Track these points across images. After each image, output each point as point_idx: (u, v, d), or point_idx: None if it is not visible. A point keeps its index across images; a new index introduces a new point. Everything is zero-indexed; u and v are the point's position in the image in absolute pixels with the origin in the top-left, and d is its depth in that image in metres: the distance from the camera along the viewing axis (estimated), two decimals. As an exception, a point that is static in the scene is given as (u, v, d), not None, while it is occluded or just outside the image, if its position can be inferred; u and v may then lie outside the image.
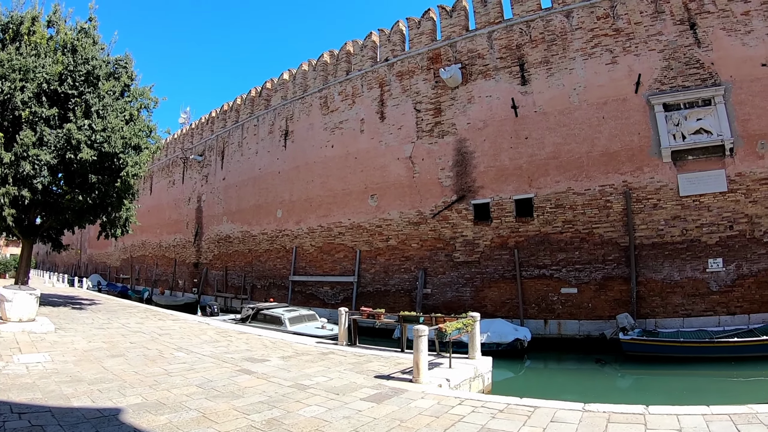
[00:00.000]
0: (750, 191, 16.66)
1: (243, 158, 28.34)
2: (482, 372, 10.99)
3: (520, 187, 19.02)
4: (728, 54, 17.43)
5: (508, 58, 19.85)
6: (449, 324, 10.93)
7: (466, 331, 11.27)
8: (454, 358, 11.14)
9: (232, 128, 29.93)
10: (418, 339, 8.95)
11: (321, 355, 11.68)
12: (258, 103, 28.47)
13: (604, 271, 17.65)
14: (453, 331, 10.70)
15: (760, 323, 15.69)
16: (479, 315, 11.95)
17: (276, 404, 6.90)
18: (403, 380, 8.94)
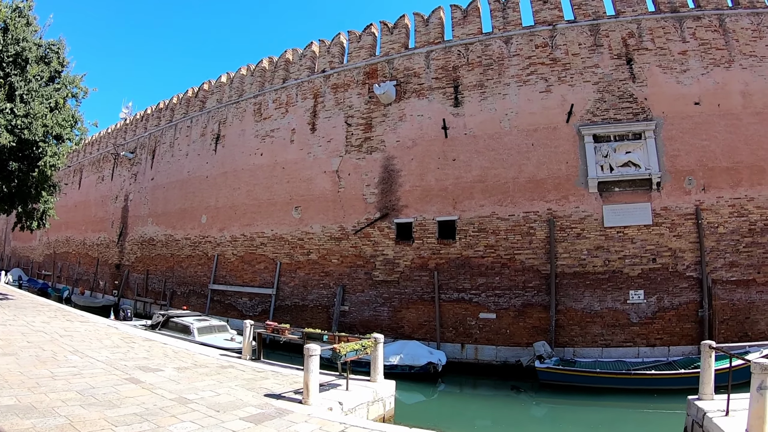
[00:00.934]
0: (675, 225, 16.77)
1: (173, 159, 26.59)
2: (383, 396, 10.37)
3: (444, 208, 18.24)
4: (662, 90, 17.45)
5: (444, 79, 19.21)
6: (344, 345, 10.27)
7: (365, 352, 10.60)
8: (355, 380, 10.63)
9: (166, 127, 28.17)
10: (309, 359, 8.53)
11: (219, 368, 11.06)
12: (193, 104, 26.89)
13: (523, 298, 17.06)
14: (349, 352, 10.05)
15: (679, 356, 15.60)
16: (383, 337, 11.30)
17: (150, 417, 6.54)
18: (293, 401, 8.48)
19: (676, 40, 18.30)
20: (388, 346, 17.11)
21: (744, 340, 15.73)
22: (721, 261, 16.49)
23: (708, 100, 17.66)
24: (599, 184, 17.15)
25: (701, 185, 16.99)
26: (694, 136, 17.34)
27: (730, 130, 17.43)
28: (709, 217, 16.78)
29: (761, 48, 18.43)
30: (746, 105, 17.74)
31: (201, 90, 26.62)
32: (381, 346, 11.04)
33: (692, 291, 16.33)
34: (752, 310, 16.11)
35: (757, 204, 16.85)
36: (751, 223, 16.69)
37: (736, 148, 17.27)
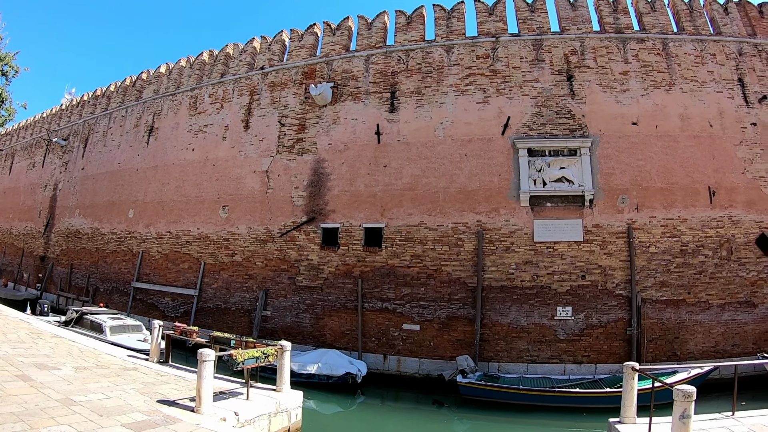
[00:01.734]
0: (606, 243, 16.05)
1: (105, 149, 24.79)
2: (288, 407, 9.68)
3: (372, 215, 17.11)
4: (601, 109, 16.83)
5: (381, 84, 18.17)
6: (242, 351, 9.64)
7: (268, 360, 9.86)
8: (260, 389, 10.04)
9: (100, 116, 26.33)
10: (202, 364, 7.97)
11: (121, 369, 10.40)
12: (130, 93, 25.21)
13: (449, 310, 16.06)
14: (248, 360, 9.40)
15: (606, 374, 14.87)
16: (290, 345, 10.52)
17: (27, 419, 6.10)
18: (185, 408, 7.89)
19: (618, 61, 17.71)
20: (307, 354, 16.07)
21: (673, 359, 15.37)
22: (651, 280, 15.91)
23: (646, 121, 17.08)
24: (531, 198, 16.27)
25: (634, 204, 16.35)
26: (630, 155, 16.71)
27: (667, 151, 16.87)
28: (641, 236, 16.16)
29: (703, 73, 17.97)
30: (684, 128, 17.23)
31: (139, 79, 24.98)
32: (287, 354, 10.31)
33: (621, 309, 15.67)
34: (682, 330, 15.68)
35: (690, 225, 16.32)
36: (683, 243, 16.15)
37: (671, 170, 16.71)
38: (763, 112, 18.02)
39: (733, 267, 16.38)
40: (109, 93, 26.31)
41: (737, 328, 15.99)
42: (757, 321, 16.19)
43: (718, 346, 15.79)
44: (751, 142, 17.58)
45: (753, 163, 17.42)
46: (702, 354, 15.61)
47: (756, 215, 16.92)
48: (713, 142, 17.23)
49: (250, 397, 9.32)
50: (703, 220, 16.46)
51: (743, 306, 16.15)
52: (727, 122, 17.58)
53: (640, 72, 17.59)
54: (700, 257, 16.26)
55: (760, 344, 16.27)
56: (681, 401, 6.64)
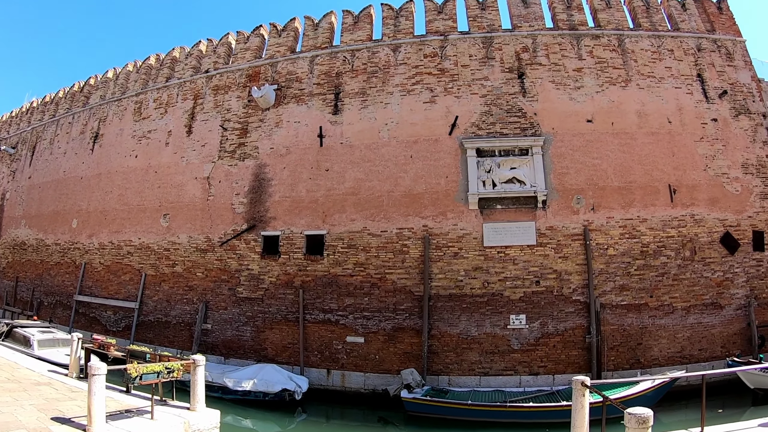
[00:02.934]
0: (561, 246, 14.60)
1: (51, 158, 23.01)
2: (201, 427, 8.59)
3: (314, 222, 15.52)
4: (554, 106, 15.41)
5: (326, 85, 16.67)
6: (137, 366, 8.76)
7: (174, 376, 8.96)
8: (171, 407, 9.10)
9: (48, 122, 24.52)
10: (92, 378, 7.16)
11: (33, 384, 9.68)
12: (77, 99, 23.47)
13: (394, 321, 14.46)
14: (148, 374, 8.68)
15: (565, 385, 13.19)
16: (203, 358, 9.45)
17: None
18: (78, 427, 7.13)
19: (572, 57, 16.34)
20: (243, 370, 14.47)
21: (636, 367, 14.07)
22: (610, 284, 14.44)
23: (601, 118, 15.65)
24: (480, 200, 14.72)
25: (590, 204, 14.88)
26: (585, 153, 15.24)
27: (624, 149, 15.45)
28: (598, 237, 14.67)
29: (660, 69, 16.61)
30: (641, 125, 15.84)
31: (87, 84, 23.27)
32: (201, 369, 9.19)
33: (579, 315, 14.20)
34: (645, 335, 14.29)
35: (650, 225, 14.90)
36: (644, 245, 14.73)
37: (629, 168, 15.28)
38: (723, 107, 16.67)
39: (697, 268, 14.99)
40: (57, 99, 24.51)
41: (704, 332, 14.64)
42: (724, 323, 14.81)
43: (684, 351, 14.40)
44: (712, 138, 16.19)
45: (714, 160, 16.02)
46: (668, 360, 14.23)
47: (719, 213, 15.55)
48: (672, 139, 15.83)
49: (155, 416, 8.25)
50: (664, 219, 15.06)
51: (709, 308, 14.78)
52: (687, 118, 16.19)
53: (594, 69, 16.20)
54: (662, 258, 14.84)
55: (729, 347, 14.95)
56: (633, 428, 5.35)
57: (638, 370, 13.82)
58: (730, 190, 15.88)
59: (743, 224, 15.69)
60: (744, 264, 15.37)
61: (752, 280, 15.31)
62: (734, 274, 15.20)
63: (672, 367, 13.88)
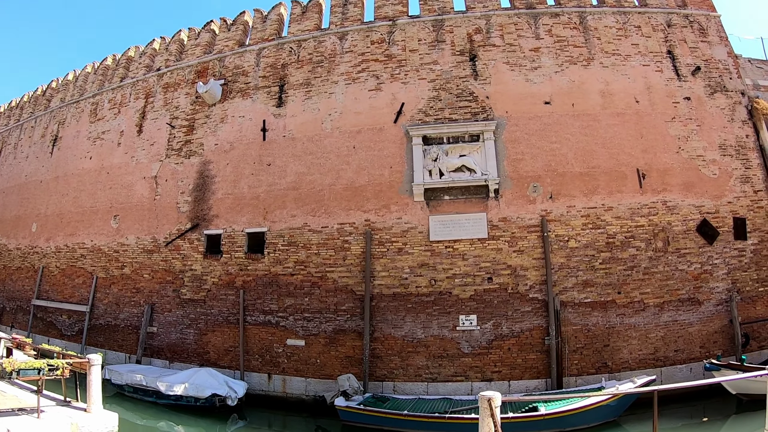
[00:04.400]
0: (515, 239, 12.76)
1: (15, 162, 22.00)
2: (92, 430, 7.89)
3: (255, 219, 14.05)
4: (508, 89, 13.62)
5: (271, 78, 15.21)
6: (12, 360, 8.48)
7: (58, 374, 8.30)
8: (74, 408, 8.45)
9: (13, 127, 23.42)
10: None
11: None
12: (40, 102, 22.37)
13: (335, 323, 12.86)
14: (27, 370, 8.32)
15: (522, 392, 11.87)
16: (99, 357, 8.83)
17: None
18: None
19: (528, 37, 14.53)
20: (177, 374, 13.22)
21: (603, 371, 12.14)
22: (572, 280, 12.56)
23: (561, 100, 13.82)
24: (426, 191, 13.00)
25: (548, 193, 13.04)
26: (542, 138, 13.42)
27: (586, 131, 13.57)
28: (558, 229, 12.80)
29: (626, 47, 14.71)
30: (606, 105, 13.90)
31: (49, 88, 22.21)
32: (96, 368, 8.56)
33: (537, 315, 12.36)
34: (612, 336, 12.35)
35: (616, 214, 12.94)
36: (610, 235, 12.80)
37: (592, 152, 13.38)
38: (697, 85, 14.64)
39: (671, 260, 12.98)
40: (22, 103, 23.46)
41: (680, 331, 12.53)
42: (703, 321, 12.77)
43: (658, 353, 12.34)
44: (685, 118, 14.19)
45: (689, 141, 14.00)
46: (639, 363, 12.20)
47: (695, 199, 13.54)
48: (641, 120, 13.90)
49: (44, 415, 7.73)
50: (633, 207, 13.12)
51: (686, 304, 12.76)
52: (656, 97, 14.24)
53: (553, 48, 14.36)
54: (631, 250, 12.89)
55: (709, 347, 12.86)
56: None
57: (605, 375, 11.87)
58: (706, 174, 13.85)
59: (722, 211, 13.64)
60: (724, 254, 13.31)
61: (734, 272, 13.25)
62: (713, 265, 13.15)
63: (644, 370, 12.03)
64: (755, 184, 14.26)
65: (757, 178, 14.32)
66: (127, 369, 13.61)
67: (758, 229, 13.85)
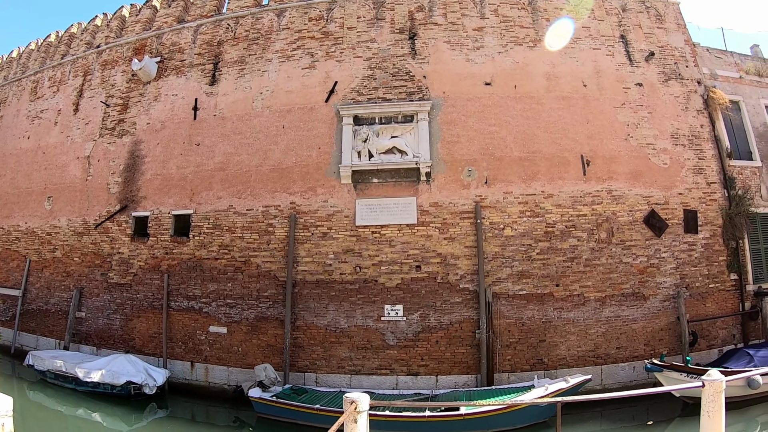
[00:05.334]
0: (447, 226, 12.02)
1: None
2: None
3: (181, 201, 13.41)
4: (447, 68, 12.85)
5: (206, 55, 14.50)
6: None
7: None
8: None
9: None
10: None
11: None
12: None
13: (258, 310, 12.23)
14: None
15: (450, 388, 11.16)
16: None
17: None
18: None
19: (473, 17, 13.73)
20: (97, 360, 12.64)
21: (539, 368, 11.50)
22: (506, 270, 11.85)
23: (503, 81, 13.04)
24: (354, 173, 12.32)
25: (484, 177, 12.23)
26: (480, 120, 12.65)
27: (528, 114, 12.82)
28: (493, 216, 12.07)
29: (576, 29, 13.91)
30: (551, 88, 13.15)
31: None
32: None
33: (468, 307, 11.65)
34: (549, 331, 11.67)
35: (556, 202, 12.23)
36: (549, 224, 12.10)
37: (533, 136, 12.64)
38: (650, 71, 13.88)
39: (615, 252, 12.28)
40: None
41: (623, 327, 11.88)
42: (648, 317, 12.12)
43: (598, 350, 11.67)
44: (636, 105, 13.43)
45: (638, 128, 13.26)
46: (578, 360, 11.53)
47: (643, 189, 12.84)
48: (587, 104, 13.13)
49: None
50: (575, 195, 12.38)
51: (630, 299, 12.09)
52: (606, 82, 13.48)
53: (498, 28, 13.55)
54: (572, 241, 12.16)
55: (654, 345, 12.19)
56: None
57: (541, 372, 11.24)
58: (656, 163, 13.15)
59: (672, 202, 12.95)
60: (673, 248, 12.64)
61: (683, 267, 12.59)
62: (661, 259, 12.48)
63: (583, 368, 11.33)
64: (709, 175, 13.57)
65: (711, 170, 13.63)
66: (50, 355, 13.07)
67: (710, 223, 13.18)
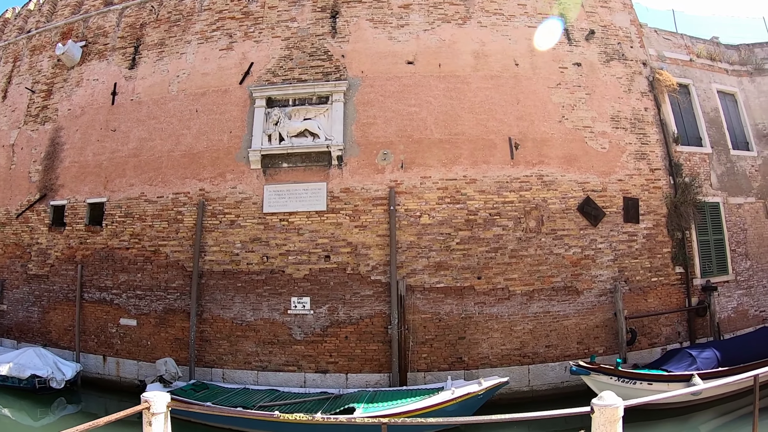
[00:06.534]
0: (358, 213, 11.49)
1: None
2: None
3: (96, 189, 13.17)
4: (367, 47, 12.40)
5: (128, 38, 14.20)
6: None
7: None
8: None
9: None
10: None
11: None
12: None
13: (166, 302, 11.95)
14: None
15: (361, 387, 10.71)
16: None
17: None
18: None
19: (400, -7, 13.15)
20: (7, 353, 12.45)
21: (458, 367, 10.93)
22: (423, 261, 11.28)
23: (426, 60, 12.51)
24: (264, 158, 11.94)
25: (400, 161, 11.67)
26: (399, 100, 12.14)
27: (452, 94, 12.27)
28: (409, 202, 11.52)
29: (512, 6, 13.48)
30: (479, 67, 12.59)
31: None
32: None
33: (380, 300, 11.12)
34: (469, 327, 11.05)
35: (480, 188, 11.67)
36: (471, 212, 11.51)
37: (457, 117, 12.08)
38: (590, 51, 13.29)
39: (545, 242, 11.68)
40: None
41: (553, 323, 11.29)
42: (582, 313, 11.53)
43: (525, 348, 11.09)
44: (573, 85, 12.85)
45: (575, 110, 12.66)
46: (502, 359, 10.96)
47: (578, 174, 12.23)
48: (518, 84, 12.56)
49: None
50: (501, 180, 11.78)
51: (561, 293, 11.49)
52: (540, 61, 12.89)
53: (426, 5, 12.98)
54: (496, 230, 11.54)
55: (589, 343, 11.59)
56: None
57: (460, 371, 10.68)
58: (593, 147, 12.54)
59: (611, 189, 12.33)
60: (611, 238, 12.01)
61: (622, 259, 11.97)
62: (597, 250, 11.84)
63: (508, 367, 10.82)
64: (652, 161, 12.93)
65: (655, 155, 12.99)
66: None
67: (654, 212, 12.56)
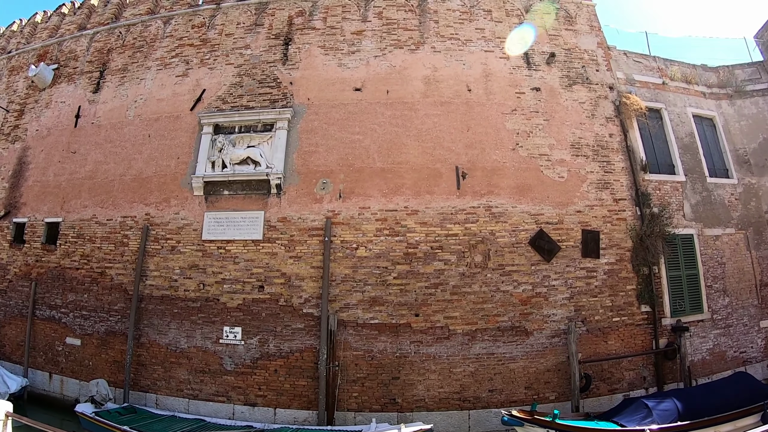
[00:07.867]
0: (294, 243, 11.62)
1: None
2: None
3: (54, 208, 13.81)
4: (316, 74, 12.73)
5: (95, 62, 14.95)
6: None
7: None
8: None
9: None
10: None
11: None
12: None
13: (108, 323, 12.37)
14: None
15: (289, 423, 10.66)
16: None
17: None
18: None
19: (354, 20, 13.54)
20: None
21: (391, 409, 10.68)
22: (357, 295, 11.23)
23: (374, 86, 12.71)
24: (207, 185, 12.30)
25: (338, 191, 11.78)
26: (343, 128, 12.32)
27: (398, 122, 12.39)
28: (345, 234, 11.57)
29: (468, 31, 13.59)
30: (428, 93, 12.68)
31: None
32: None
33: (311, 335, 11.13)
34: (404, 367, 10.81)
35: (421, 219, 11.60)
36: (410, 245, 11.41)
37: (402, 145, 12.16)
38: (551, 75, 13.18)
39: (491, 278, 11.34)
40: None
41: (498, 367, 10.86)
42: (532, 355, 11.08)
43: (466, 392, 10.69)
44: (530, 111, 12.76)
45: (531, 137, 12.56)
46: (439, 403, 10.60)
47: (532, 205, 12.02)
48: (470, 110, 12.58)
49: None
50: (445, 212, 11.66)
51: (508, 334, 11.07)
52: (496, 86, 12.86)
53: (379, 31, 13.26)
54: (437, 264, 11.31)
55: (538, 388, 10.98)
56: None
57: (394, 414, 10.40)
58: (549, 176, 12.33)
59: (568, 221, 12.00)
60: (567, 275, 11.55)
61: (579, 297, 11.46)
62: (550, 287, 11.39)
63: (446, 412, 10.51)
64: (617, 191, 12.56)
65: (620, 185, 12.62)
66: None
67: (617, 246, 12.09)
